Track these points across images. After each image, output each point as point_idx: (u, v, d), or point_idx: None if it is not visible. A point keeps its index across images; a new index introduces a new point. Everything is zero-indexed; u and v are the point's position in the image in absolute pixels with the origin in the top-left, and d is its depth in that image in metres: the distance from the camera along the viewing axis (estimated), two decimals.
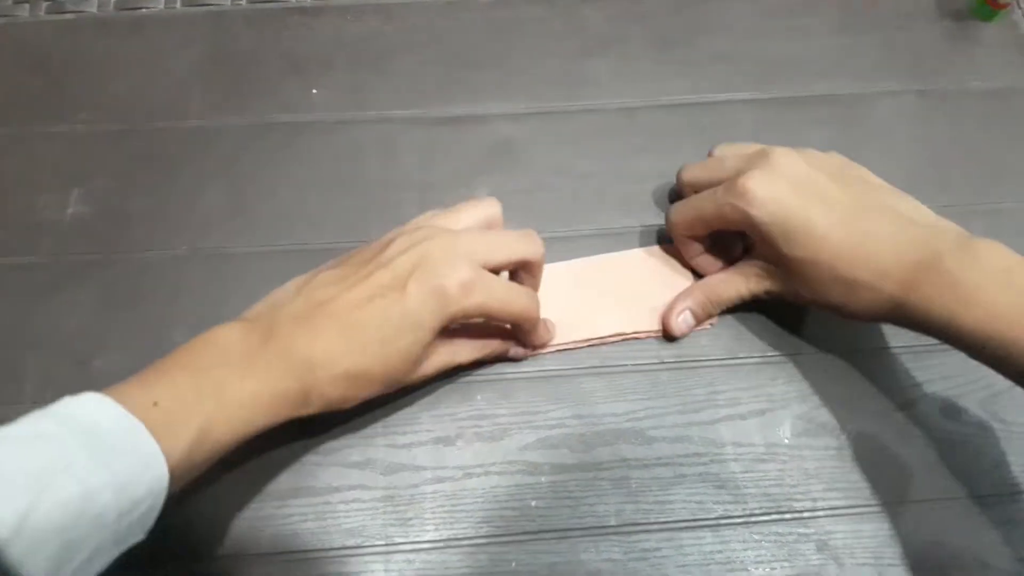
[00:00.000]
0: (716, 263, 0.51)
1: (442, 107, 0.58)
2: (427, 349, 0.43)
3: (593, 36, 0.62)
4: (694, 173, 0.51)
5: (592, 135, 0.57)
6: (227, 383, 0.38)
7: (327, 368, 0.40)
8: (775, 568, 0.45)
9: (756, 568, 0.45)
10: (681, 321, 0.50)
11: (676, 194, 0.53)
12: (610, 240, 0.54)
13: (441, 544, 0.45)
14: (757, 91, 0.59)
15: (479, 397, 0.49)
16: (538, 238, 0.46)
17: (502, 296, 0.43)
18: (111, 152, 0.56)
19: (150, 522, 0.35)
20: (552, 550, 0.45)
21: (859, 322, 0.48)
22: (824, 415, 0.49)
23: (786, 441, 0.48)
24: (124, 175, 0.55)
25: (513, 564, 0.45)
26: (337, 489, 0.46)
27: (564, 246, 0.53)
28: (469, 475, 0.47)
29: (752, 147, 0.49)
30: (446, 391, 0.49)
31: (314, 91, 0.58)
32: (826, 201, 0.44)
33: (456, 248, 0.42)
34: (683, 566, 0.45)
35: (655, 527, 0.46)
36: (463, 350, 0.47)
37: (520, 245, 0.45)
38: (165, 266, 0.52)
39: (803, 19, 0.63)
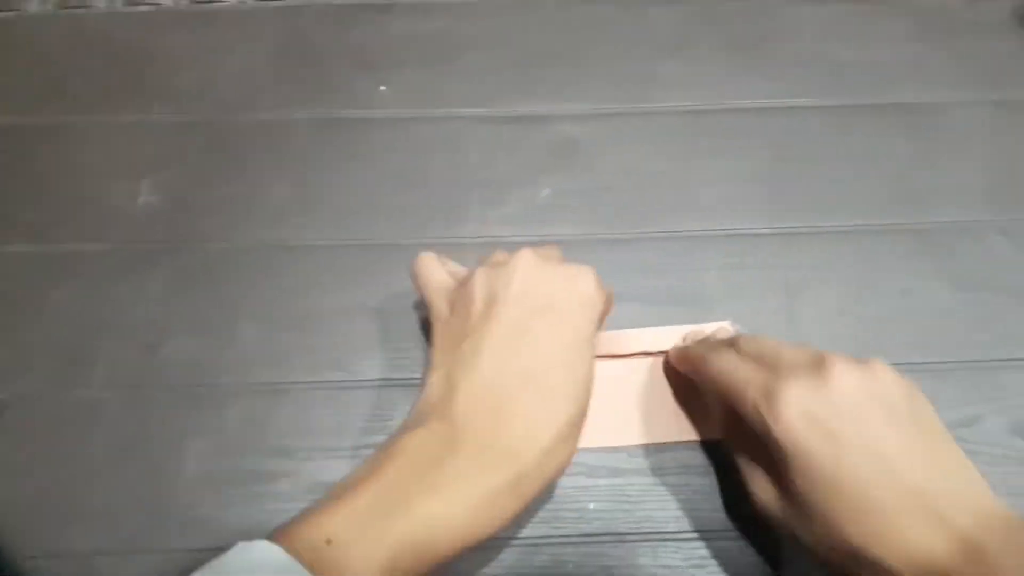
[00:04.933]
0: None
1: (509, 106, 0.58)
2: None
3: (663, 38, 0.61)
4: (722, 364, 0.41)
5: (659, 137, 0.57)
6: (415, 498, 0.34)
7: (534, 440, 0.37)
8: None
9: None
10: None
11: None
12: (676, 243, 0.53)
13: (500, 542, 0.45)
14: (828, 97, 0.58)
15: None
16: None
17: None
18: (182, 143, 0.57)
19: None
20: (609, 553, 0.45)
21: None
22: None
23: None
24: (194, 166, 0.56)
25: (570, 566, 0.45)
26: None
27: (628, 248, 0.53)
28: None
29: (802, 352, 0.39)
30: None
31: (382, 88, 0.59)
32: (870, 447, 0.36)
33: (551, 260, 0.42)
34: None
35: (715, 535, 0.45)
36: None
37: None
38: (232, 257, 0.53)
39: (876, 25, 0.62)
